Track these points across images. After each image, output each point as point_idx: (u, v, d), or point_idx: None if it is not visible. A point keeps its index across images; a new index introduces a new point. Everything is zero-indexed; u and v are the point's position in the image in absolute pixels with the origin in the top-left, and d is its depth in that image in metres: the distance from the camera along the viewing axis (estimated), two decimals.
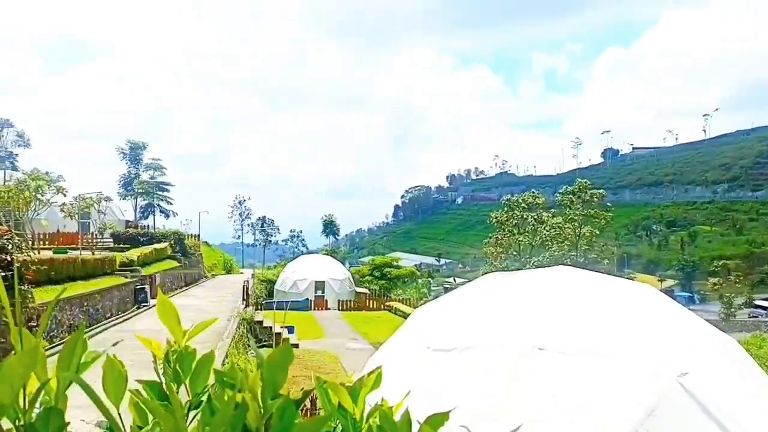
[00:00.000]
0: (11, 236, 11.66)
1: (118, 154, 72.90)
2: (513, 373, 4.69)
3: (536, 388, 4.48)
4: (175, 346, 0.92)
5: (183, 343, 0.92)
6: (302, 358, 19.74)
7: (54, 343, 12.82)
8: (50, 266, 14.97)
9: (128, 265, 23.85)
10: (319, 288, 42.63)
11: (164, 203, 68.86)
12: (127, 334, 15.55)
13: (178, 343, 0.92)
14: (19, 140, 76.21)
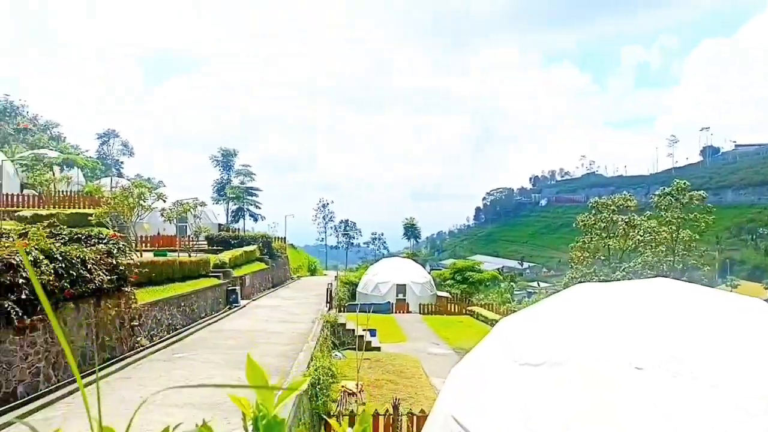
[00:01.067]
0: (117, 241, 12.60)
1: (211, 161, 77.11)
2: (606, 392, 4.43)
3: (632, 409, 4.20)
4: (264, 412, 0.90)
5: (272, 411, 0.90)
6: (384, 361, 19.85)
7: (154, 341, 13.69)
8: (151, 268, 16.00)
9: (221, 267, 25.03)
10: (400, 291, 42.79)
11: (253, 207, 71.84)
12: (220, 333, 16.33)
13: (267, 410, 0.90)
14: (124, 149, 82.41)
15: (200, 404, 8.68)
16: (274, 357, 12.85)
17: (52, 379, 9.09)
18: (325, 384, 12.41)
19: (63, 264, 9.41)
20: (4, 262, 7.73)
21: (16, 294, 7.79)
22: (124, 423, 3.32)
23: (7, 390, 7.91)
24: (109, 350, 11.32)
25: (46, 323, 8.94)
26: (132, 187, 26.03)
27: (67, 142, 77.86)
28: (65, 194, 31.38)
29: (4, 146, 45.02)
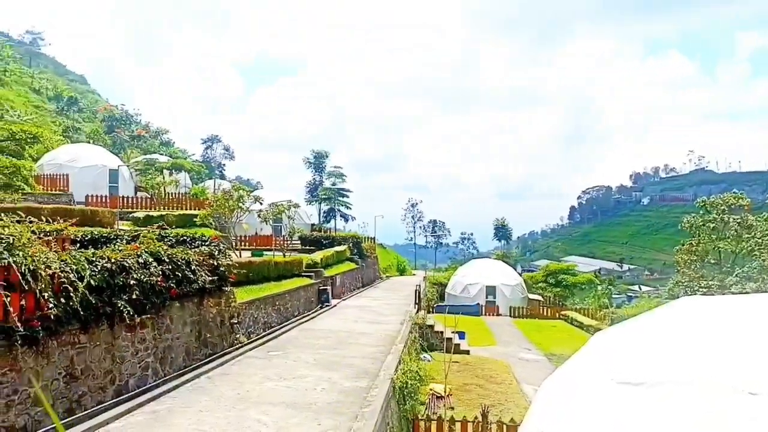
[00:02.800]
0: (218, 243, 13.33)
1: (304, 163, 79.79)
2: (714, 419, 4.06)
3: None
4: None
5: None
6: (473, 365, 19.55)
7: (251, 339, 14.35)
8: (249, 268, 16.79)
9: (313, 266, 25.80)
10: (490, 293, 42.01)
11: (344, 208, 73.46)
12: (311, 333, 16.82)
13: None
14: (226, 153, 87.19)
15: (293, 404, 8.97)
16: (362, 358, 13.04)
17: (159, 373, 9.78)
18: (413, 387, 12.41)
19: (170, 266, 10.08)
20: (118, 265, 8.40)
21: (128, 294, 8.45)
22: (223, 418, 3.52)
23: (120, 383, 8.61)
24: (210, 346, 12.00)
25: (154, 321, 9.63)
26: (232, 190, 27.49)
27: (175, 147, 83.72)
28: (174, 196, 33.69)
29: (121, 152, 49.12)
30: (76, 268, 7.38)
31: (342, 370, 11.61)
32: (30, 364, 6.74)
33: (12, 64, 74.07)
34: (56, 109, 67.59)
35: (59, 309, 6.95)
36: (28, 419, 6.70)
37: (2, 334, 6.22)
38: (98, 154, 36.30)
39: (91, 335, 7.91)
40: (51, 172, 29.33)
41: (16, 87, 65.48)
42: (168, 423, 7.85)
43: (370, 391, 9.95)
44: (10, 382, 6.42)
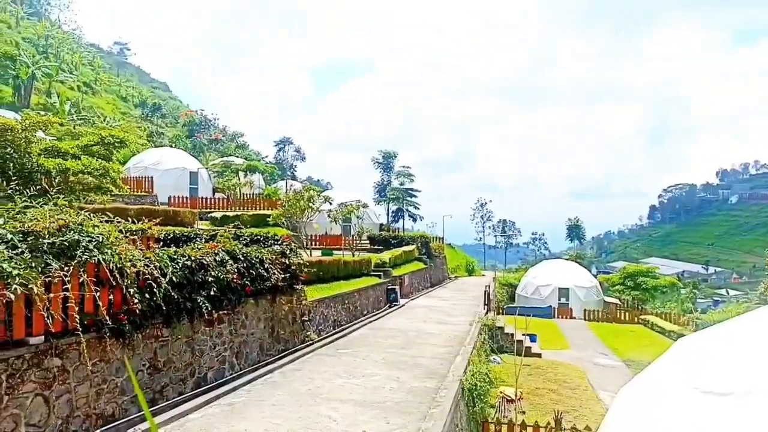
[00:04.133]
0: (290, 242, 13.69)
1: (372, 163, 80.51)
2: None
3: None
4: None
5: None
6: (545, 369, 19.01)
7: (321, 336, 14.64)
8: (319, 267, 17.16)
9: (381, 266, 25.99)
10: (563, 295, 40.71)
11: (412, 208, 73.52)
12: (380, 331, 16.94)
13: None
14: (297, 154, 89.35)
15: (363, 401, 9.07)
16: (431, 358, 12.99)
17: (235, 367, 10.17)
18: (483, 389, 12.22)
19: (245, 264, 10.47)
20: (197, 262, 8.81)
21: (206, 290, 8.84)
22: (295, 413, 3.57)
23: (199, 375, 9.02)
24: (283, 342, 12.35)
25: (230, 317, 10.02)
26: (303, 191, 28.17)
27: (250, 149, 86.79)
28: (248, 197, 34.92)
29: (200, 155, 51.51)
30: (160, 266, 7.80)
31: (410, 370, 11.61)
32: (117, 356, 7.18)
33: (102, 73, 79.38)
34: (141, 115, 71.80)
35: (144, 304, 7.37)
36: (116, 407, 7.14)
37: (93, 327, 6.66)
38: (180, 157, 38.23)
39: (173, 329, 8.34)
40: (137, 175, 31.20)
41: (105, 95, 70.10)
42: (243, 415, 8.14)
43: (438, 391, 9.90)
44: (100, 371, 6.87)
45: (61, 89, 54.34)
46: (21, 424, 5.76)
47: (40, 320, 5.93)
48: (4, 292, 5.45)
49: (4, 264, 5.47)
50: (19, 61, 45.91)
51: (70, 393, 6.41)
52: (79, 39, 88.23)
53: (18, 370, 5.77)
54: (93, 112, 52.14)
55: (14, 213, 6.43)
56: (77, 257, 6.36)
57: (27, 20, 70.96)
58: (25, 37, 59.14)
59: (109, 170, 9.66)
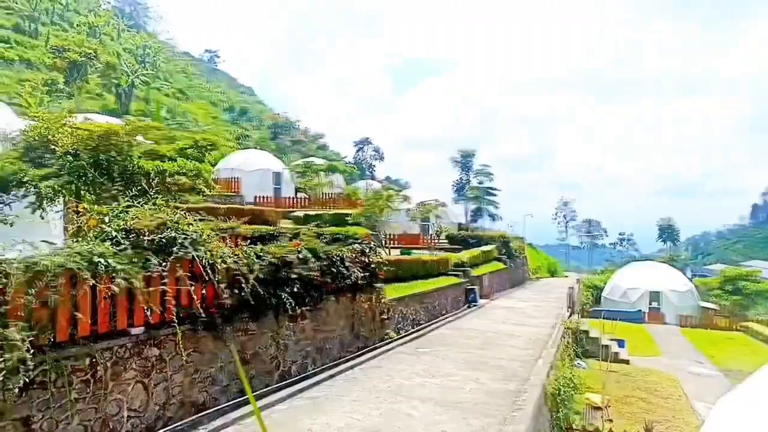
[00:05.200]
0: (369, 241, 13.88)
1: (451, 162, 79.98)
2: None
3: None
4: None
5: None
6: (634, 376, 18.12)
7: (400, 335, 14.72)
8: (397, 266, 17.25)
9: (460, 265, 25.74)
10: (653, 299, 38.59)
11: (491, 207, 72.33)
12: (459, 332, 16.80)
13: None
14: (376, 154, 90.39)
15: (442, 401, 9.03)
16: (511, 360, 12.72)
17: (317, 362, 10.44)
18: (567, 395, 11.82)
19: (326, 262, 10.72)
20: (281, 260, 9.12)
21: (290, 287, 9.13)
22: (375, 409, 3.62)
23: (284, 369, 9.35)
24: (362, 340, 12.54)
25: (313, 313, 10.30)
26: (382, 190, 28.46)
27: (330, 150, 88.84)
28: (329, 196, 35.75)
29: (283, 156, 53.28)
30: (247, 262, 8.15)
31: (490, 371, 11.43)
32: (209, 347, 7.58)
33: (194, 80, 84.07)
34: (229, 119, 75.36)
35: (233, 299, 7.73)
36: (207, 396, 7.54)
37: (187, 319, 7.07)
38: (264, 158, 39.78)
39: (260, 323, 8.69)
40: (225, 176, 32.77)
41: (197, 101, 74.18)
42: (325, 409, 8.34)
43: (519, 395, 9.68)
44: (193, 362, 7.28)
45: (157, 96, 58.10)
46: (124, 408, 6.22)
47: (140, 312, 6.37)
48: (110, 286, 5.90)
49: (110, 259, 5.93)
50: (120, 71, 49.52)
51: (167, 381, 6.84)
52: (173, 48, 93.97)
53: (121, 358, 6.22)
54: (186, 117, 55.33)
55: (118, 212, 6.94)
56: (174, 253, 6.77)
57: (127, 32, 76.40)
58: (126, 48, 63.72)
59: (201, 171, 10.22)
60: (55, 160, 8.46)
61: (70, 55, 44.67)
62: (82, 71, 45.80)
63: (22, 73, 44.88)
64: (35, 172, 8.06)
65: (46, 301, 5.31)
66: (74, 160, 8.51)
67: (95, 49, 47.94)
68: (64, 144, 8.54)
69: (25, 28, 54.51)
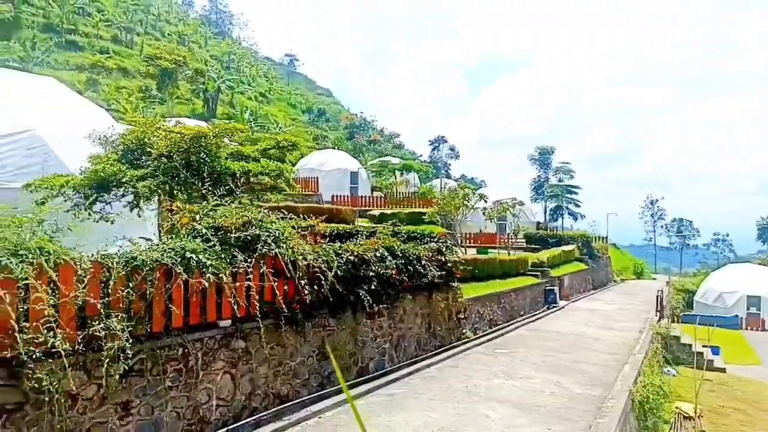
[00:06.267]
0: (446, 240, 13.80)
1: (528, 160, 78.01)
2: None
3: None
4: None
5: None
6: (730, 385, 16.90)
7: (477, 335, 14.54)
8: (474, 265, 17.05)
9: (538, 265, 25.09)
10: (752, 304, 35.82)
11: (572, 206, 69.92)
12: (538, 333, 16.36)
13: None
14: (451, 153, 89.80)
15: (520, 404, 8.84)
16: (594, 365, 12.24)
17: (394, 359, 10.51)
18: (656, 403, 11.23)
19: (402, 260, 10.76)
20: (359, 258, 9.25)
21: (368, 284, 9.25)
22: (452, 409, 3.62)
23: (362, 365, 9.49)
24: (439, 339, 12.49)
25: (389, 311, 10.38)
26: (458, 189, 28.21)
27: (406, 149, 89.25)
28: (404, 195, 35.88)
29: (359, 156, 54.08)
30: (326, 260, 8.33)
31: (572, 375, 11.05)
32: (291, 341, 7.82)
33: (275, 84, 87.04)
34: (308, 121, 77.41)
35: (313, 295, 7.92)
36: (290, 389, 7.79)
37: (270, 314, 7.33)
38: (341, 158, 40.51)
39: (338, 320, 8.87)
40: (304, 176, 33.68)
41: (278, 103, 76.74)
42: (402, 407, 8.38)
43: (604, 401, 9.28)
44: (276, 355, 7.54)
45: (241, 99, 60.66)
46: (213, 397, 6.54)
47: (228, 306, 6.67)
48: (201, 280, 6.22)
49: (200, 255, 6.25)
50: (207, 77, 52.10)
51: (252, 373, 7.12)
52: (255, 53, 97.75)
53: (210, 349, 6.55)
54: (267, 120, 57.40)
55: (207, 210, 7.30)
56: (258, 250, 7.04)
57: (213, 39, 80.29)
58: (213, 55, 67.02)
59: (283, 171, 10.55)
60: (151, 161, 9.03)
61: (162, 63, 47.57)
62: (172, 78, 48.64)
63: (120, 80, 48.24)
64: (133, 173, 8.63)
65: (143, 294, 5.68)
66: (168, 161, 9.05)
67: (184, 57, 50.75)
68: (158, 146, 9.10)
69: (122, 38, 58.57)
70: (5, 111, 11.05)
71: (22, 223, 5.21)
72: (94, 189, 8.78)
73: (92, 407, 5.17)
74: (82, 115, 12.32)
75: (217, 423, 6.55)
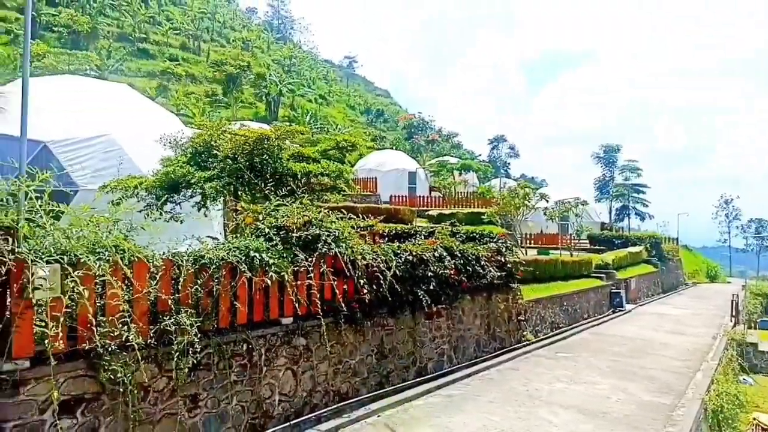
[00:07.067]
0: (505, 240, 13.57)
1: (592, 158, 75.51)
2: None
3: None
4: None
5: None
6: None
7: (538, 338, 14.22)
8: (534, 266, 16.68)
9: (603, 267, 24.27)
10: None
11: (639, 205, 67.22)
12: (603, 337, 15.82)
13: None
14: (511, 152, 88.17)
15: (585, 409, 8.57)
16: (663, 371, 11.71)
17: (453, 360, 10.44)
18: (731, 413, 10.63)
19: (461, 260, 10.67)
20: (418, 257, 9.24)
21: (426, 285, 9.22)
22: (513, 412, 3.56)
23: (420, 365, 9.47)
24: (499, 340, 12.31)
25: (448, 311, 10.31)
26: (518, 188, 27.68)
27: (464, 149, 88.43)
28: (462, 195, 35.58)
29: (417, 156, 54.00)
30: (385, 259, 8.37)
31: (639, 382, 10.62)
32: (350, 340, 7.91)
33: (334, 86, 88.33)
34: (366, 122, 78.07)
35: (371, 294, 7.98)
36: (349, 386, 7.88)
37: (330, 313, 7.44)
38: (400, 158, 40.64)
39: (397, 319, 8.89)
40: (363, 176, 33.99)
41: (336, 105, 77.86)
42: (461, 408, 8.31)
43: (675, 409, 8.87)
44: (336, 353, 7.64)
45: (301, 102, 61.95)
46: (275, 392, 6.70)
47: (289, 304, 6.82)
48: (264, 278, 6.39)
49: (263, 254, 6.43)
50: (270, 81, 53.50)
51: (313, 370, 7.26)
52: (315, 57, 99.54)
53: (273, 346, 6.72)
54: (326, 121, 58.34)
55: (270, 210, 7.50)
56: (318, 249, 7.17)
57: (275, 44, 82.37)
58: (275, 59, 68.74)
59: (342, 172, 10.70)
60: (217, 163, 9.37)
61: (227, 69, 49.23)
62: (237, 82, 50.23)
63: (188, 86, 50.33)
64: (201, 175, 8.99)
65: (210, 291, 5.89)
66: (233, 163, 9.36)
67: (248, 62, 52.30)
68: (224, 149, 9.44)
69: (190, 46, 61.07)
70: (85, 116, 11.77)
71: (100, 222, 5.52)
72: (165, 190, 9.21)
73: (163, 399, 5.41)
74: (153, 120, 12.94)
75: (280, 417, 6.71)
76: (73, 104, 12.00)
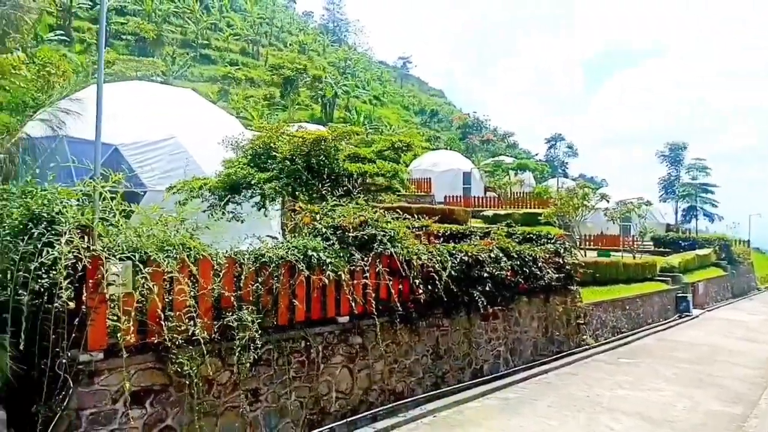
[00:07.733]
0: (564, 241, 13.25)
1: (657, 157, 72.41)
2: None
3: None
4: None
5: None
6: None
7: (599, 342, 13.81)
8: (595, 269, 16.22)
9: (668, 270, 23.29)
10: None
11: (708, 206, 64.01)
12: (668, 343, 15.20)
13: None
14: (569, 151, 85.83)
15: (648, 417, 8.27)
16: (734, 379, 11.15)
17: (509, 363, 10.29)
18: None
19: (518, 261, 10.50)
20: (473, 258, 9.17)
21: (482, 286, 9.13)
22: (572, 418, 3.51)
23: (476, 366, 9.39)
24: (557, 344, 12.03)
25: (504, 313, 10.17)
26: (576, 188, 26.94)
27: (520, 148, 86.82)
28: (518, 195, 34.97)
29: (472, 156, 53.48)
30: (440, 260, 8.35)
31: (707, 390, 10.14)
32: (405, 339, 7.94)
33: (388, 87, 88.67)
34: (420, 122, 77.97)
35: (427, 295, 7.99)
36: (405, 386, 7.91)
37: (386, 312, 7.49)
38: (454, 159, 40.36)
39: (452, 320, 8.85)
40: (417, 176, 33.98)
41: (391, 106, 78.10)
42: (518, 412, 8.18)
43: (747, 419, 8.41)
44: (391, 352, 7.69)
45: (356, 103, 62.56)
46: (332, 389, 6.82)
47: (346, 303, 6.92)
48: (321, 277, 6.52)
49: (321, 253, 6.55)
50: (325, 83, 54.31)
51: (369, 368, 7.33)
52: (370, 58, 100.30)
53: (330, 344, 6.83)
54: (381, 122, 58.64)
55: (327, 210, 7.64)
56: (374, 249, 7.24)
57: (331, 47, 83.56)
58: (330, 62, 69.73)
59: (397, 172, 10.76)
60: (276, 164, 9.62)
61: (284, 72, 50.32)
62: (294, 85, 51.28)
63: (248, 90, 51.76)
64: (260, 176, 9.25)
65: (270, 289, 6.06)
66: (290, 164, 9.59)
67: (305, 65, 53.31)
68: (282, 150, 9.68)
69: (249, 50, 62.77)
70: (152, 120, 12.34)
71: (168, 221, 5.78)
72: (227, 191, 9.53)
73: (225, 392, 5.60)
74: (216, 123, 13.42)
75: (337, 414, 6.82)
76: (142, 109, 12.60)
